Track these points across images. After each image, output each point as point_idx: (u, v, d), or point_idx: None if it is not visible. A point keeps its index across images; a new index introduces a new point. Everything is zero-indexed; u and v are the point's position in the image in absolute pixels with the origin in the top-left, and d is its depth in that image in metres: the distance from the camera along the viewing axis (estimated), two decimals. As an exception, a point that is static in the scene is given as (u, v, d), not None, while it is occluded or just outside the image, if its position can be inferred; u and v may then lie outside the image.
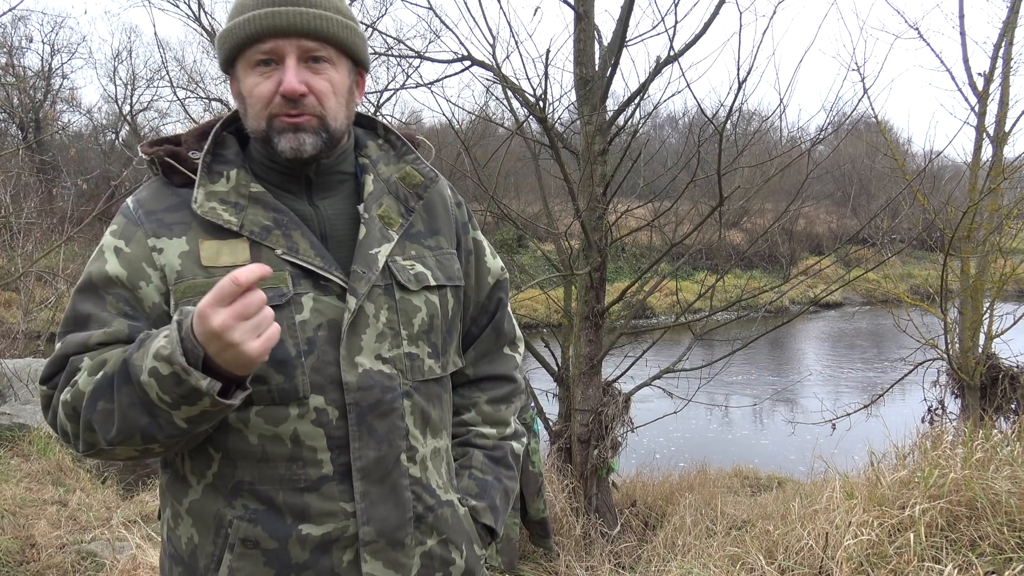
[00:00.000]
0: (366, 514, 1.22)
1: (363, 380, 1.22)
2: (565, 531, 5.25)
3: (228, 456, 1.21)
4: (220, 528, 1.21)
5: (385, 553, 1.24)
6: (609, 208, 5.63)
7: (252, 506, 1.20)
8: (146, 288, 1.20)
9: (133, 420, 1.08)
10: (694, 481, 7.42)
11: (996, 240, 7.27)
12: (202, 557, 1.23)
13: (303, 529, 1.20)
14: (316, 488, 1.20)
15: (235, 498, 1.21)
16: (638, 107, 5.61)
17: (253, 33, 1.19)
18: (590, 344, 5.65)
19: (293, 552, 1.20)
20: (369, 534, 1.22)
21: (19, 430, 5.55)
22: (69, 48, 27.58)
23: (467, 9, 6.62)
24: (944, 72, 7.52)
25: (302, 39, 1.20)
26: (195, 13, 9.44)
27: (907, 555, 2.90)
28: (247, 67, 1.22)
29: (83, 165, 21.68)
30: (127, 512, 4.42)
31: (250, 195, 1.23)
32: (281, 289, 1.19)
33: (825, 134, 6.73)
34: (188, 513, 1.24)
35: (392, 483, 1.25)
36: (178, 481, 1.26)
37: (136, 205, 1.26)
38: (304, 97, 1.20)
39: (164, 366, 1.03)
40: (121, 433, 1.09)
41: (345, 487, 1.21)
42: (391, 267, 1.28)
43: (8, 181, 8.01)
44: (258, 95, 1.21)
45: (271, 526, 1.20)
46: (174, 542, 1.27)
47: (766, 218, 19.96)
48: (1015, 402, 6.93)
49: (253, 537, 1.19)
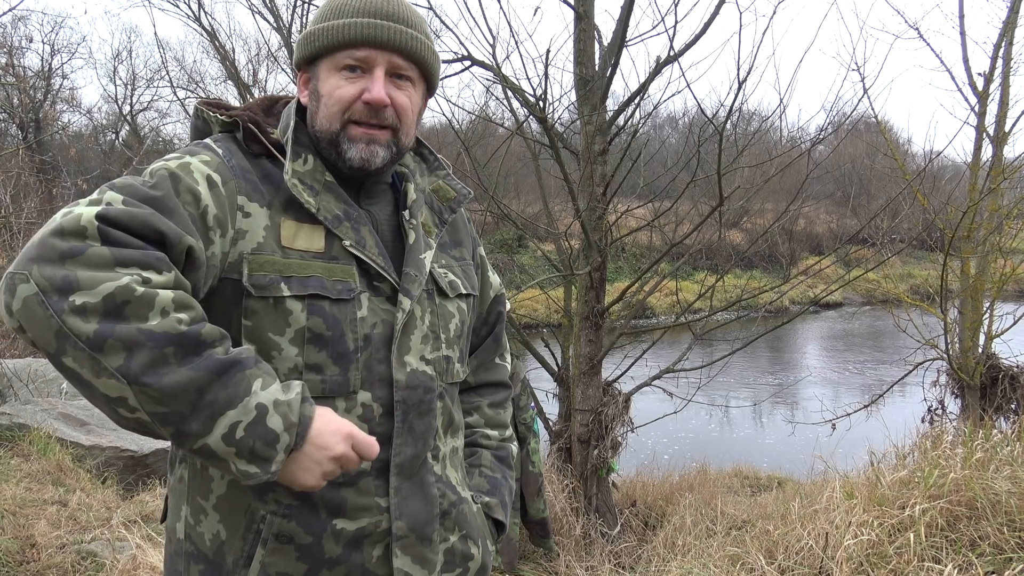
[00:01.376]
0: (399, 509, 1.24)
1: (411, 379, 1.25)
2: (565, 531, 5.25)
3: None
4: (252, 523, 1.19)
5: (415, 548, 1.26)
6: (609, 208, 5.63)
7: (285, 501, 1.19)
8: (219, 238, 1.13)
9: (179, 399, 0.97)
10: (694, 481, 7.42)
11: (996, 240, 7.27)
12: (230, 553, 1.20)
13: (338, 524, 1.20)
14: (353, 483, 1.21)
15: (268, 492, 1.18)
16: (638, 107, 5.61)
17: (352, 38, 1.22)
18: (590, 344, 5.65)
19: (327, 547, 1.20)
20: (402, 529, 1.24)
21: (19, 430, 5.54)
22: (69, 48, 27.65)
23: (467, 9, 6.63)
24: (944, 72, 7.55)
25: (395, 55, 1.24)
26: (195, 13, 9.45)
27: (907, 555, 2.90)
28: (332, 68, 1.25)
29: (83, 165, 21.67)
30: (127, 512, 4.42)
31: (325, 182, 1.25)
32: (349, 284, 1.21)
33: (825, 134, 6.73)
34: (215, 509, 1.21)
35: (421, 479, 1.28)
36: (201, 477, 1.23)
37: (227, 153, 1.21)
38: (385, 108, 1.24)
39: (277, 422, 1.02)
40: (154, 390, 0.95)
41: (380, 482, 1.23)
42: (433, 273, 1.33)
43: (8, 181, 8.01)
44: (339, 97, 1.23)
45: (306, 521, 1.19)
46: (195, 539, 1.23)
47: (766, 218, 19.96)
48: (1015, 402, 6.93)
49: (287, 532, 1.18)
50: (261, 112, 1.31)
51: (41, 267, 0.94)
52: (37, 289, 0.93)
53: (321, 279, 1.18)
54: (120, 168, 18.34)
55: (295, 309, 1.16)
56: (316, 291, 1.17)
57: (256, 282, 1.15)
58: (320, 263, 1.19)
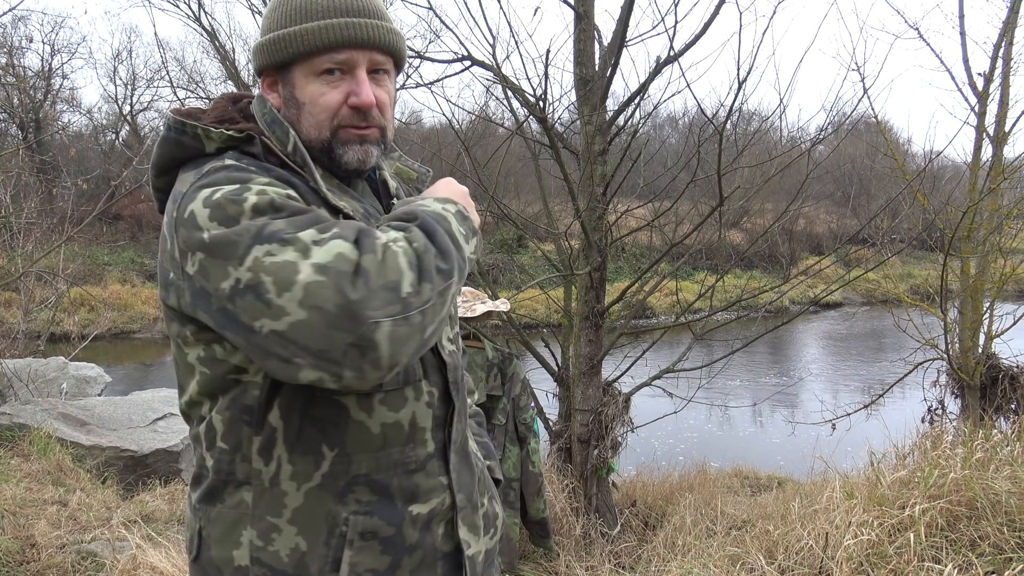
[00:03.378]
0: (458, 483, 1.29)
1: (452, 360, 1.31)
2: (565, 531, 5.25)
3: (344, 451, 1.18)
4: (334, 527, 1.18)
5: (469, 517, 1.31)
6: (609, 208, 5.62)
7: (365, 499, 1.19)
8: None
9: (457, 250, 1.12)
10: (694, 481, 7.41)
11: (996, 240, 7.26)
12: (313, 563, 1.17)
13: (413, 510, 1.23)
14: (423, 467, 1.25)
15: (347, 494, 1.19)
16: (638, 107, 5.61)
17: (332, 42, 1.18)
18: (590, 344, 5.65)
19: (407, 534, 1.22)
20: (462, 501, 1.30)
21: (19, 430, 5.55)
22: (69, 48, 27.62)
23: (467, 9, 6.61)
24: (944, 72, 7.52)
25: (374, 52, 1.21)
26: (195, 13, 9.46)
27: (907, 555, 2.90)
28: (310, 74, 1.20)
29: (83, 165, 21.69)
30: (127, 512, 4.42)
31: (339, 185, 1.27)
32: None
33: (825, 134, 6.72)
34: (291, 523, 1.17)
35: (466, 452, 1.34)
36: (271, 494, 1.18)
37: (261, 171, 1.15)
38: (372, 109, 1.22)
39: (451, 206, 1.18)
40: (454, 260, 1.10)
41: (442, 462, 1.27)
42: None
43: (8, 181, 8.00)
44: (324, 104, 1.20)
45: (386, 513, 1.20)
46: (267, 561, 1.18)
47: (766, 218, 19.97)
48: (1015, 402, 6.92)
49: (372, 528, 1.19)
50: (239, 116, 1.25)
51: (374, 310, 0.98)
52: (390, 320, 0.99)
53: None
54: (120, 168, 18.32)
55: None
56: None
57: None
58: None
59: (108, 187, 16.16)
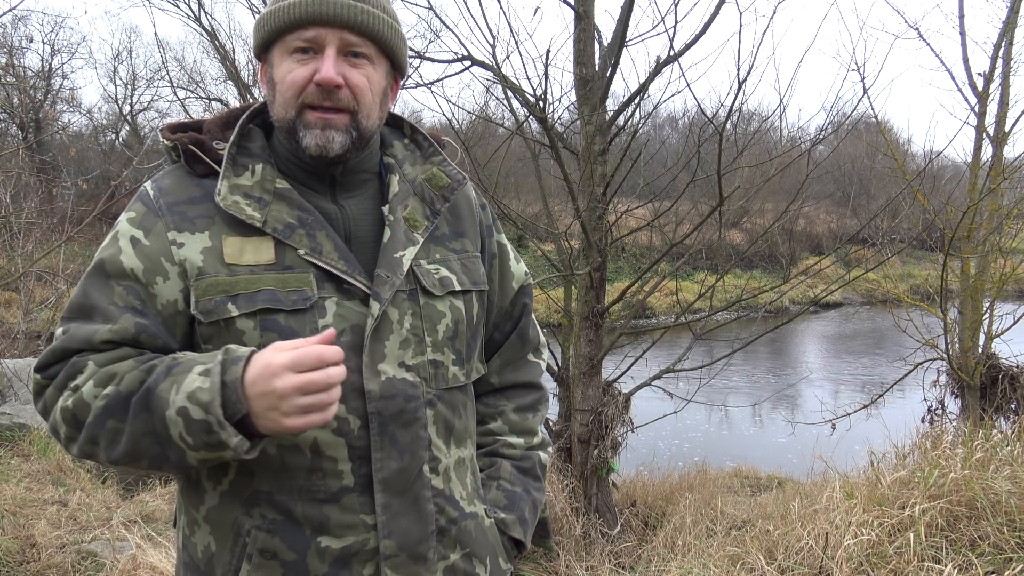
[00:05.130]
0: (387, 527, 1.18)
1: (386, 388, 1.18)
2: (565, 531, 5.25)
3: (245, 464, 1.14)
4: (238, 537, 1.17)
5: (407, 567, 1.20)
6: (609, 208, 5.62)
7: (270, 516, 1.16)
8: (162, 284, 1.14)
9: (144, 448, 1.07)
10: (694, 481, 7.42)
11: (996, 240, 7.27)
12: (219, 566, 1.18)
13: (322, 541, 1.16)
14: (336, 500, 1.16)
15: (253, 507, 1.16)
16: (638, 107, 5.61)
17: (296, 19, 1.16)
18: (590, 344, 5.65)
19: (312, 565, 1.16)
20: (390, 548, 1.18)
21: (19, 430, 5.55)
22: (69, 48, 27.53)
23: (467, 9, 6.61)
24: (944, 72, 7.55)
25: (345, 31, 1.17)
26: (195, 13, 9.46)
27: (907, 555, 2.90)
28: (284, 53, 1.18)
29: (83, 165, 21.67)
30: (127, 512, 4.42)
31: (275, 191, 1.19)
32: (306, 292, 1.15)
33: (825, 134, 6.73)
34: (205, 521, 1.19)
35: (414, 495, 1.21)
36: (194, 487, 1.21)
37: (157, 193, 1.19)
38: (339, 89, 1.16)
39: (198, 411, 1.01)
40: (127, 456, 1.08)
41: (366, 499, 1.17)
42: (416, 271, 1.24)
43: (8, 181, 8.00)
44: (291, 81, 1.17)
45: (289, 537, 1.15)
46: (190, 550, 1.22)
47: (766, 218, 19.95)
48: (1015, 402, 6.93)
49: (271, 548, 1.15)
50: (219, 127, 1.24)
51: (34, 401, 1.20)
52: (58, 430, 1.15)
53: (273, 291, 1.13)
54: (120, 168, 18.33)
55: (247, 328, 1.12)
56: (266, 305, 1.12)
57: (203, 308, 1.13)
58: (272, 275, 1.14)
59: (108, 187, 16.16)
